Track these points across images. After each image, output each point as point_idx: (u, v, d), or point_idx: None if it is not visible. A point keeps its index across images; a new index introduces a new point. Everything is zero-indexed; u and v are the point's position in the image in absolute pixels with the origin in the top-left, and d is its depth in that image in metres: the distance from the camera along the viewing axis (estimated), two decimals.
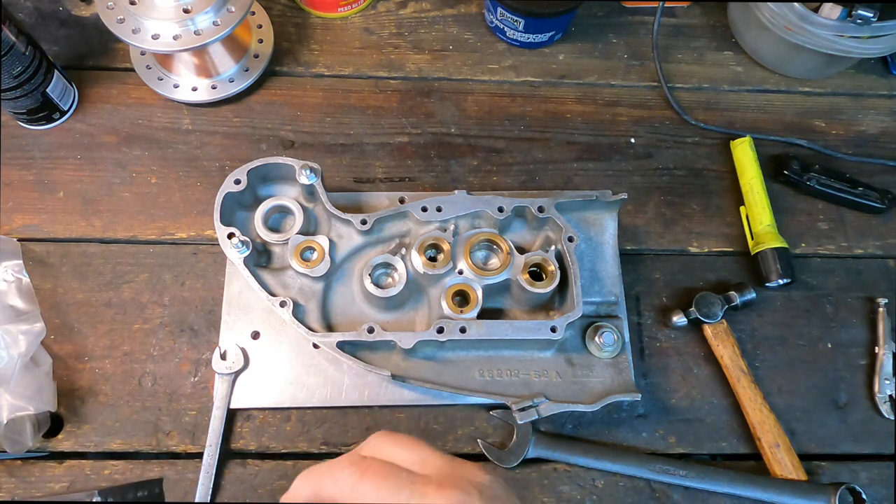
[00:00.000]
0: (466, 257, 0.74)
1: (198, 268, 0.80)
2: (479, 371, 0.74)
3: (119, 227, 0.81)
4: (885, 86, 0.97)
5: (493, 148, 0.89)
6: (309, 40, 0.94)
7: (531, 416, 0.71)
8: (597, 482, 0.74)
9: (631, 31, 0.98)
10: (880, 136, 0.94)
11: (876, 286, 0.85)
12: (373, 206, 0.80)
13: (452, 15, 0.97)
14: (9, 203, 0.81)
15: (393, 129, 0.89)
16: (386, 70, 0.93)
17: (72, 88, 0.86)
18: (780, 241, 0.82)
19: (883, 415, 0.78)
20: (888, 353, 0.80)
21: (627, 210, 0.86)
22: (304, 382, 0.74)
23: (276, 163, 0.76)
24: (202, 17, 0.78)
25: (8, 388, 0.66)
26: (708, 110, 0.94)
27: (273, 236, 0.75)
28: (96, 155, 0.85)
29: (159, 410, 0.74)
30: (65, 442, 0.72)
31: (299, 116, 0.89)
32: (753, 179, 0.85)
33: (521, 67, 0.94)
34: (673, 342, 0.80)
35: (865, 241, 0.87)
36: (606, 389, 0.74)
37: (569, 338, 0.77)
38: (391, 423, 0.75)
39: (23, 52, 0.75)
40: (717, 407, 0.78)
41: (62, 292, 0.78)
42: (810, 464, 0.76)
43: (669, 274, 0.84)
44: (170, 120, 0.87)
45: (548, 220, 0.77)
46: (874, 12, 0.80)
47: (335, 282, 0.77)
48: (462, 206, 0.76)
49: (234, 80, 0.88)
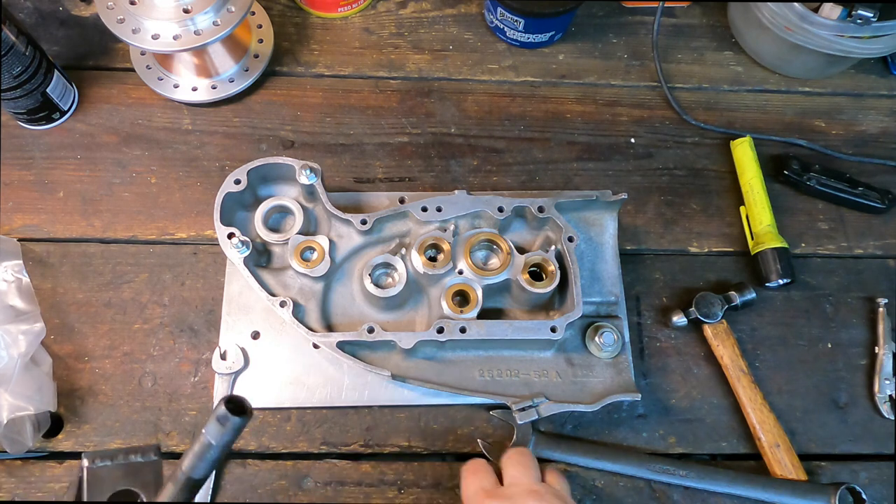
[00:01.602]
0: (466, 257, 0.74)
1: (198, 268, 0.80)
2: (479, 371, 0.74)
3: (119, 227, 0.81)
4: (885, 86, 0.97)
5: (493, 148, 0.89)
6: (309, 40, 0.94)
7: (531, 416, 0.71)
8: (597, 482, 0.74)
9: (631, 31, 0.98)
10: (880, 136, 0.94)
11: (876, 286, 0.85)
12: (373, 206, 0.80)
13: (452, 15, 0.97)
14: (9, 203, 0.81)
15: (393, 129, 0.89)
16: (386, 70, 0.93)
17: (72, 88, 0.86)
18: (780, 241, 0.82)
19: (883, 415, 0.78)
20: (888, 353, 0.80)
21: (627, 210, 0.86)
22: (304, 382, 0.74)
23: (276, 163, 0.76)
24: (202, 17, 0.78)
25: (8, 388, 0.66)
26: (708, 110, 0.94)
27: (273, 236, 0.75)
28: (96, 155, 0.85)
29: (159, 410, 0.74)
30: (65, 442, 0.72)
31: (299, 116, 0.89)
32: (753, 179, 0.85)
33: (521, 67, 0.94)
34: (673, 342, 0.80)
35: (865, 241, 0.87)
36: (606, 389, 0.74)
37: (569, 338, 0.77)
38: (391, 423, 0.75)
39: (23, 52, 0.75)
40: (717, 407, 0.78)
41: (62, 292, 0.78)
42: (810, 464, 0.76)
43: (669, 274, 0.84)
44: (170, 120, 0.87)
45: (548, 220, 0.77)
46: (874, 12, 0.80)
47: (335, 282, 0.77)
48: (462, 206, 0.76)
49: (234, 80, 0.88)
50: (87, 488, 0.44)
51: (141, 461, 0.46)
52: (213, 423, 0.40)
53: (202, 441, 0.41)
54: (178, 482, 0.41)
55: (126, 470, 0.45)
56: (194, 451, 0.40)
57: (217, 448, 0.40)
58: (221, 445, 0.41)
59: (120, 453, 0.46)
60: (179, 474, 0.41)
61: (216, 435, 0.40)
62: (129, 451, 0.46)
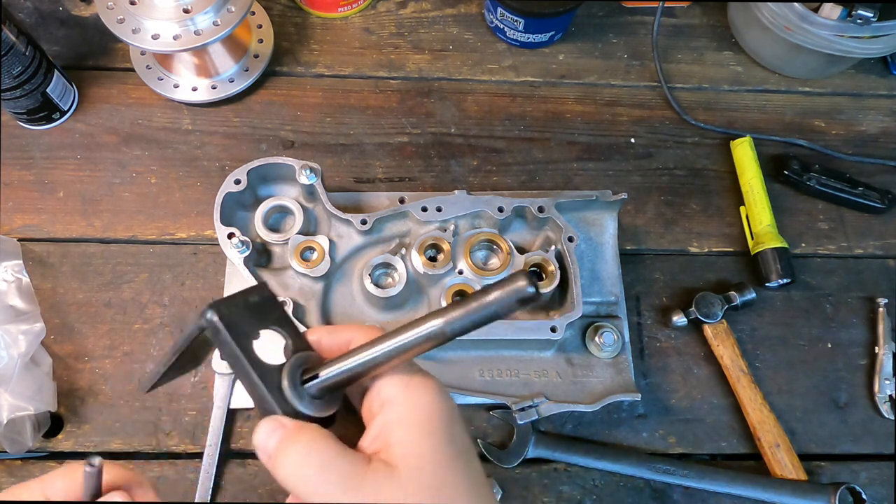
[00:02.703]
0: (466, 257, 0.74)
1: (198, 268, 0.80)
2: (479, 371, 0.74)
3: (119, 227, 0.81)
4: (885, 86, 0.97)
5: (493, 148, 0.89)
6: (309, 40, 0.94)
7: (531, 416, 0.71)
8: (597, 482, 0.74)
9: (631, 31, 0.98)
10: (880, 136, 0.94)
11: (876, 286, 0.85)
12: (373, 206, 0.80)
13: (452, 15, 0.97)
14: (9, 203, 0.81)
15: (393, 129, 0.89)
16: (386, 70, 0.93)
17: (72, 88, 0.86)
18: (780, 241, 0.82)
19: (883, 415, 0.78)
20: (888, 353, 0.80)
21: (627, 210, 0.86)
22: None
23: (276, 163, 0.76)
24: (202, 17, 0.78)
25: (8, 388, 0.66)
26: (708, 110, 0.94)
27: (273, 236, 0.75)
28: (96, 155, 0.85)
29: (159, 410, 0.74)
30: (65, 442, 0.72)
31: (299, 116, 0.89)
32: (753, 179, 0.85)
33: (521, 67, 0.94)
34: (673, 342, 0.80)
35: (865, 241, 0.87)
36: (606, 389, 0.74)
37: (569, 338, 0.77)
38: None
39: (23, 52, 0.75)
40: (717, 407, 0.78)
41: (62, 292, 0.78)
42: (810, 464, 0.76)
43: (669, 274, 0.84)
44: (170, 120, 0.87)
45: (548, 220, 0.77)
46: (874, 12, 0.80)
47: (335, 282, 0.77)
48: (462, 206, 0.76)
49: (234, 80, 0.88)
50: (230, 334, 0.38)
51: (260, 301, 0.41)
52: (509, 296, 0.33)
53: (485, 302, 0.34)
54: (432, 331, 0.36)
55: (255, 312, 0.41)
56: (469, 308, 0.34)
57: (490, 316, 0.34)
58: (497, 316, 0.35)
59: (238, 296, 0.40)
60: (437, 323, 0.35)
61: (502, 306, 0.34)
62: (245, 294, 0.41)
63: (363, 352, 0.38)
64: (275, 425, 0.37)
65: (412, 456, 0.37)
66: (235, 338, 0.39)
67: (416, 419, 0.38)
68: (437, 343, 0.36)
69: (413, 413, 0.38)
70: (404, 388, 0.39)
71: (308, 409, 0.38)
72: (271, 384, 0.38)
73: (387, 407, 0.39)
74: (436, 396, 0.39)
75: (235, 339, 0.39)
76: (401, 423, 0.38)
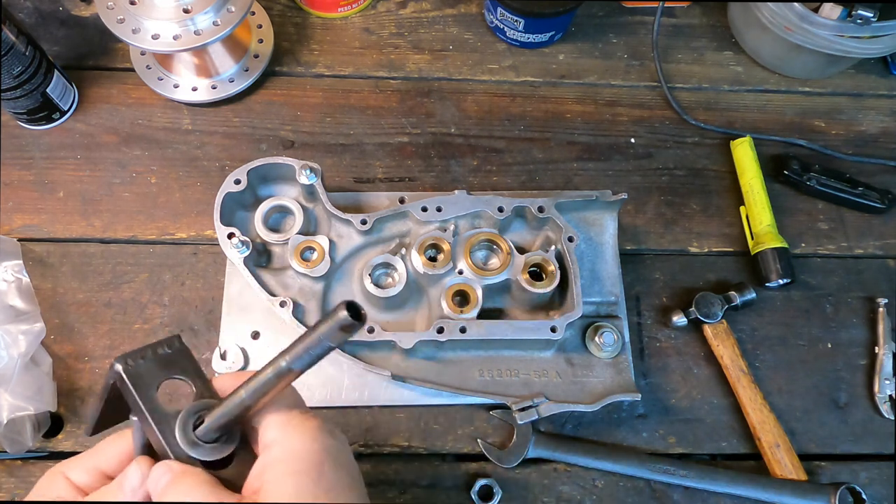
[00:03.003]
0: (466, 257, 0.74)
1: (198, 268, 0.80)
2: (479, 371, 0.74)
3: (119, 227, 0.81)
4: (885, 86, 0.97)
5: (493, 148, 0.89)
6: (309, 40, 0.94)
7: (531, 416, 0.71)
8: (597, 482, 0.74)
9: (631, 31, 0.98)
10: (880, 136, 0.94)
11: (876, 286, 0.85)
12: (373, 206, 0.80)
13: (452, 15, 0.97)
14: (9, 203, 0.81)
15: (393, 129, 0.89)
16: (386, 70, 0.93)
17: (72, 88, 0.86)
18: (780, 241, 0.82)
19: (883, 415, 0.78)
20: (888, 353, 0.80)
21: (627, 210, 0.86)
22: (303, 382, 0.73)
23: (276, 163, 0.76)
24: (202, 17, 0.78)
25: (8, 388, 0.66)
26: (708, 110, 0.94)
27: (273, 236, 0.75)
28: (96, 155, 0.85)
29: None
30: (65, 442, 0.72)
31: (299, 116, 0.89)
32: (753, 179, 0.85)
33: (521, 67, 0.94)
34: (673, 342, 0.80)
35: (865, 241, 0.87)
36: (606, 389, 0.74)
37: (569, 338, 0.77)
38: (391, 423, 0.75)
39: (23, 52, 0.75)
40: (717, 407, 0.78)
41: (62, 292, 0.78)
42: (810, 464, 0.76)
43: (669, 274, 0.84)
44: (170, 120, 0.87)
45: (548, 220, 0.76)
46: (874, 12, 0.80)
47: (335, 282, 0.77)
48: (462, 206, 0.76)
49: (234, 80, 0.88)
50: (133, 388, 0.42)
51: (170, 352, 0.44)
52: (332, 326, 0.37)
53: (314, 337, 0.38)
54: (279, 369, 0.39)
55: (161, 363, 0.44)
56: (305, 344, 0.38)
57: (326, 348, 0.38)
58: (330, 347, 0.39)
59: (147, 349, 0.43)
60: (282, 363, 0.39)
61: (329, 336, 0.37)
62: (155, 346, 0.44)
63: (234, 395, 0.41)
64: (164, 469, 0.40)
65: (276, 495, 0.39)
66: (136, 388, 0.42)
67: (285, 460, 0.40)
68: (290, 379, 0.40)
69: (283, 454, 0.40)
70: (282, 429, 0.42)
71: (197, 454, 0.41)
72: (167, 430, 0.42)
73: (266, 449, 0.41)
74: (308, 436, 0.41)
75: (136, 388, 0.42)
76: (272, 465, 0.40)
